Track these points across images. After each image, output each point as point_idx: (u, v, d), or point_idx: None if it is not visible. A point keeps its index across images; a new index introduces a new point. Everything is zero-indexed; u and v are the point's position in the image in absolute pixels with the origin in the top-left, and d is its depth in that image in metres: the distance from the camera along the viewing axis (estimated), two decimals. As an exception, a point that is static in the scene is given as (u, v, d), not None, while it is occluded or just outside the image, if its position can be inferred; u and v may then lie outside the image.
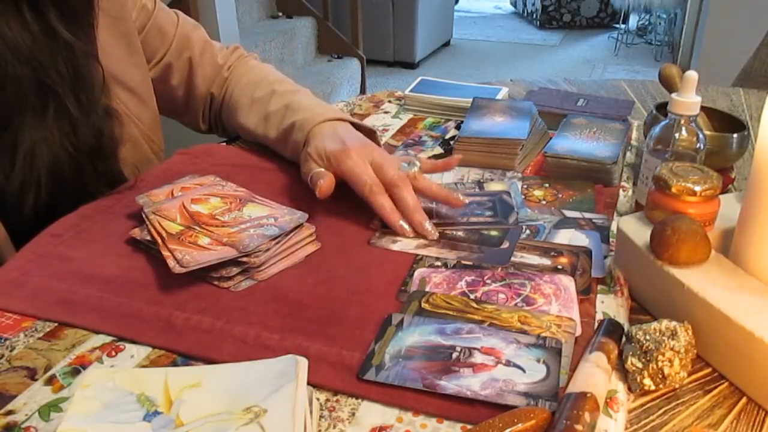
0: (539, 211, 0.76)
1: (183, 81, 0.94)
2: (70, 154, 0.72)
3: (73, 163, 0.73)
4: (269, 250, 0.64)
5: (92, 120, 0.73)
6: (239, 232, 0.65)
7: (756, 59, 1.55)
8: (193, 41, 0.92)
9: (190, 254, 0.61)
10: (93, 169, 0.76)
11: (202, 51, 0.93)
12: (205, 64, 0.93)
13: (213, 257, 0.61)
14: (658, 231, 0.58)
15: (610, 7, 5.42)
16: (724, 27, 3.04)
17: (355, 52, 3.73)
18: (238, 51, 0.98)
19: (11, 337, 0.56)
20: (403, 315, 0.57)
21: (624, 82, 1.27)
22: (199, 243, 0.63)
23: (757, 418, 0.49)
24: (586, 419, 0.45)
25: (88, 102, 0.73)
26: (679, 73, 0.83)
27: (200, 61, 0.93)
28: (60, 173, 0.72)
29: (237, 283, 0.62)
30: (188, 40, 0.92)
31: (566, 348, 0.53)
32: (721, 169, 0.75)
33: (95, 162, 0.76)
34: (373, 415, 0.48)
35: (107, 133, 0.76)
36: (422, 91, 1.09)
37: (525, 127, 0.88)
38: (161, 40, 0.90)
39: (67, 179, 0.73)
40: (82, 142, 0.73)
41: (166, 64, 0.91)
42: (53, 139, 0.70)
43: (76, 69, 0.71)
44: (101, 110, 0.75)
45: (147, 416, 0.44)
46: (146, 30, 0.88)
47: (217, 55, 0.95)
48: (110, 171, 0.79)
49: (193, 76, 0.93)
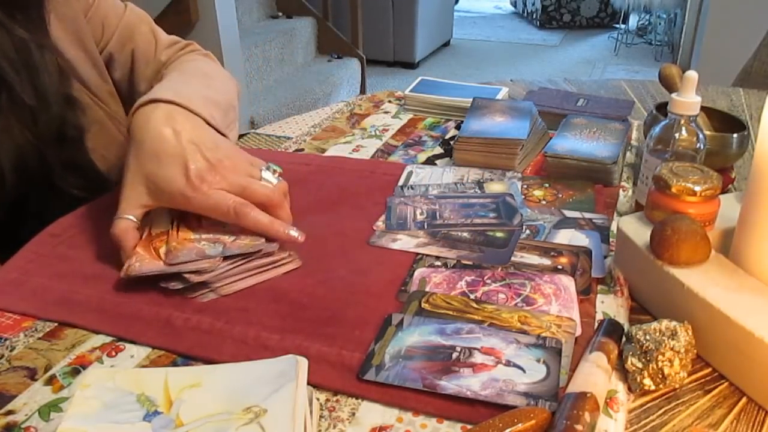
0: (539, 211, 0.76)
1: (125, 75, 0.87)
2: (32, 144, 0.71)
3: (36, 153, 0.72)
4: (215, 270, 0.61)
5: (53, 109, 0.72)
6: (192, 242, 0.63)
7: (756, 59, 1.55)
8: (138, 34, 0.86)
9: (140, 262, 0.61)
10: (57, 158, 0.74)
11: (147, 45, 0.87)
12: (148, 60, 0.87)
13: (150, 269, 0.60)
14: (658, 231, 0.58)
15: (610, 7, 5.42)
16: (724, 27, 3.03)
17: (355, 52, 3.73)
18: (189, 47, 0.91)
19: (11, 337, 0.56)
20: (403, 315, 0.57)
21: (624, 82, 1.27)
22: (160, 251, 0.62)
23: (757, 418, 0.49)
24: (586, 419, 0.45)
25: (45, 90, 0.71)
26: (679, 73, 0.83)
27: (144, 56, 0.87)
28: (23, 163, 0.71)
29: (200, 295, 0.60)
30: (132, 32, 0.86)
31: (566, 348, 0.53)
32: (721, 169, 0.75)
33: (59, 151, 0.74)
34: (373, 415, 0.48)
35: (70, 121, 0.75)
36: (422, 91, 1.09)
37: (525, 127, 0.88)
38: (102, 29, 0.84)
39: (32, 169, 0.72)
40: (43, 131, 0.72)
41: (107, 56, 0.85)
42: (12, 129, 0.70)
43: (29, 59, 0.70)
44: (61, 99, 0.74)
45: (147, 416, 0.44)
46: (89, 16, 0.83)
47: (162, 52, 0.88)
48: (76, 159, 0.77)
49: (135, 71, 0.87)
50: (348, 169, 0.87)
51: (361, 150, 0.95)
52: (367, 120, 1.06)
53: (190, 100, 0.68)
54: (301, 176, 0.84)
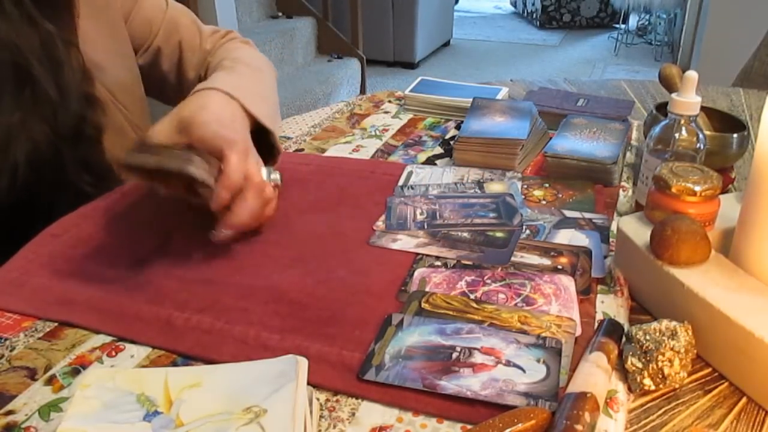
0: (539, 211, 0.76)
1: (174, 66, 0.92)
2: (49, 140, 0.72)
3: (52, 149, 0.72)
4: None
5: (73, 106, 0.73)
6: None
7: (756, 59, 1.55)
8: (182, 26, 0.91)
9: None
10: (72, 156, 0.75)
11: (192, 36, 0.91)
12: (194, 49, 0.91)
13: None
14: (658, 231, 0.58)
15: (610, 7, 5.42)
16: (724, 27, 3.04)
17: (355, 52, 3.73)
18: (229, 35, 0.95)
19: (11, 337, 0.56)
20: (403, 315, 0.57)
21: (624, 82, 1.27)
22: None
23: (757, 418, 0.49)
24: (586, 419, 0.45)
25: (68, 87, 0.72)
26: (679, 73, 0.83)
27: (190, 46, 0.91)
28: (38, 158, 0.71)
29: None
30: (177, 25, 0.90)
31: (566, 348, 0.53)
32: (721, 169, 0.75)
33: (75, 148, 0.75)
34: (373, 415, 0.48)
35: (89, 119, 0.76)
36: (422, 91, 1.09)
37: (525, 127, 0.88)
38: (149, 26, 0.88)
39: (46, 164, 0.72)
40: (62, 128, 0.73)
41: (155, 50, 0.90)
42: (30, 123, 0.70)
43: (55, 55, 0.71)
44: (82, 97, 0.75)
45: (147, 416, 0.44)
46: (132, 17, 0.86)
47: (206, 41, 0.92)
48: (91, 158, 0.78)
49: (183, 61, 0.91)
50: (348, 169, 0.87)
51: (361, 150, 0.95)
52: (367, 120, 1.06)
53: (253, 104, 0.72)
54: (301, 176, 0.84)
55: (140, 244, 0.68)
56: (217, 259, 0.66)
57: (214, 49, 0.92)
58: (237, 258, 0.67)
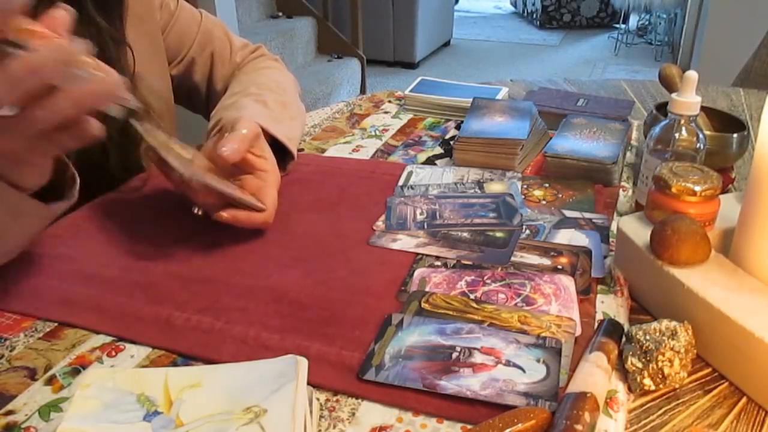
0: (539, 211, 0.76)
1: (205, 77, 0.95)
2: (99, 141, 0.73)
3: (101, 149, 0.74)
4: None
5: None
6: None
7: (756, 59, 1.55)
8: (216, 38, 0.94)
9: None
10: (117, 157, 0.77)
11: (223, 48, 0.95)
12: (225, 61, 0.95)
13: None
14: (658, 231, 0.58)
15: (610, 7, 5.42)
16: (724, 27, 3.04)
17: (355, 52, 3.73)
18: (259, 50, 1.00)
19: (11, 337, 0.56)
20: (403, 315, 0.57)
21: (624, 82, 1.27)
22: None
23: (757, 418, 0.49)
24: (586, 419, 0.45)
25: None
26: (679, 73, 0.83)
27: (221, 58, 0.94)
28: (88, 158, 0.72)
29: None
30: (211, 37, 0.94)
31: (566, 348, 0.53)
32: (721, 169, 0.75)
33: (121, 150, 0.77)
34: (373, 415, 0.48)
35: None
36: (422, 91, 1.09)
37: (525, 127, 0.88)
38: (185, 37, 0.91)
39: (94, 165, 0.73)
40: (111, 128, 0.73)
41: (189, 60, 0.93)
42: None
43: (105, 52, 0.72)
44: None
45: (147, 416, 0.44)
46: (169, 29, 0.90)
47: (237, 54, 0.96)
48: (132, 161, 0.80)
49: (214, 72, 0.94)
50: (348, 169, 0.87)
51: (361, 150, 0.95)
52: (367, 120, 1.06)
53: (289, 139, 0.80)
54: (301, 176, 0.84)
55: (140, 244, 0.69)
56: (217, 259, 0.66)
57: (244, 63, 0.96)
58: (237, 258, 0.67)
